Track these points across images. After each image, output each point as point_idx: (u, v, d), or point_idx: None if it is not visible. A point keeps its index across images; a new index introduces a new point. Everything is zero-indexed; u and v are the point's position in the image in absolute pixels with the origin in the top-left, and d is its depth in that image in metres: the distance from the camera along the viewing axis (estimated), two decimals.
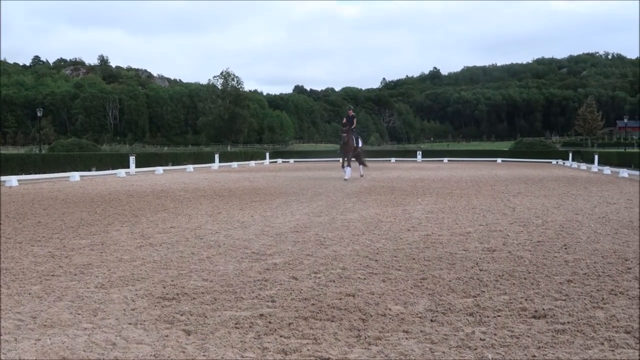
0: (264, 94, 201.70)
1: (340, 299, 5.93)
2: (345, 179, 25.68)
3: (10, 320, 5.25)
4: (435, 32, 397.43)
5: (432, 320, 5.21)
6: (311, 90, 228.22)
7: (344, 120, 27.36)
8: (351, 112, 27.59)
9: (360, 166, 28.64)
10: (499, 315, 5.35)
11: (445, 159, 62.77)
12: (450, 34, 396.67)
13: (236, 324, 5.13)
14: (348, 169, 26.51)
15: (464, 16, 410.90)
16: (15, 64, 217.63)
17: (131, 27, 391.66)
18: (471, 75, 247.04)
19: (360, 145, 28.08)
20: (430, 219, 12.25)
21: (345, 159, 26.62)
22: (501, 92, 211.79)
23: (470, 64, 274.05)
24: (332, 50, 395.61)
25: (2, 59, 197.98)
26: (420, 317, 5.30)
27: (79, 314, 5.43)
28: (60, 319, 5.27)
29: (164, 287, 6.43)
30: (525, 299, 5.88)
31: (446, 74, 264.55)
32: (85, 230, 10.93)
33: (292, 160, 61.74)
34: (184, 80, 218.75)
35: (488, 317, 5.30)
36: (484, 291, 6.21)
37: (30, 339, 4.75)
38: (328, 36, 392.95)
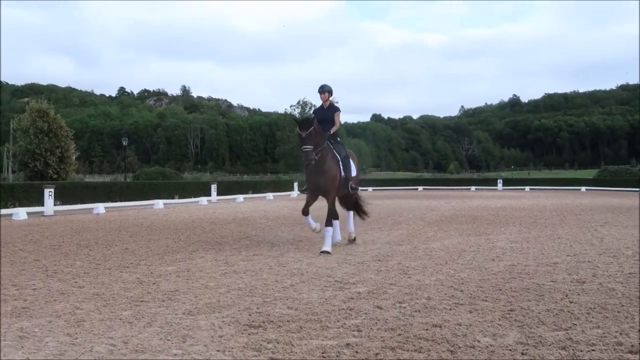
0: (342, 122, 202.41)
1: (426, 329, 5.85)
2: (324, 251, 11.85)
3: (104, 345, 5.38)
4: (515, 60, 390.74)
5: (523, 354, 5.07)
6: (389, 118, 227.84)
7: (312, 115, 12.52)
8: (326, 97, 12.62)
9: (352, 217, 13.99)
10: (593, 350, 5.17)
11: (527, 188, 61.52)
12: (530, 61, 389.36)
13: (323, 353, 5.11)
14: (312, 223, 13.00)
15: (545, 43, 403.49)
16: (102, 95, 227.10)
17: (217, 59, 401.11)
18: (552, 103, 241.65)
19: (354, 173, 13.13)
20: (515, 249, 12.00)
21: (313, 200, 13.09)
22: (584, 119, 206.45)
23: (551, 91, 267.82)
24: (414, 79, 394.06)
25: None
26: (510, 350, 5.17)
27: (168, 340, 5.52)
28: (150, 345, 5.37)
29: (250, 315, 6.48)
30: (620, 333, 5.66)
31: (526, 101, 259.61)
32: (171, 257, 11.16)
33: (370, 189, 61.41)
34: (263, 110, 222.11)
35: (582, 351, 5.13)
36: (575, 324, 6.01)
37: None
38: (412, 65, 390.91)
